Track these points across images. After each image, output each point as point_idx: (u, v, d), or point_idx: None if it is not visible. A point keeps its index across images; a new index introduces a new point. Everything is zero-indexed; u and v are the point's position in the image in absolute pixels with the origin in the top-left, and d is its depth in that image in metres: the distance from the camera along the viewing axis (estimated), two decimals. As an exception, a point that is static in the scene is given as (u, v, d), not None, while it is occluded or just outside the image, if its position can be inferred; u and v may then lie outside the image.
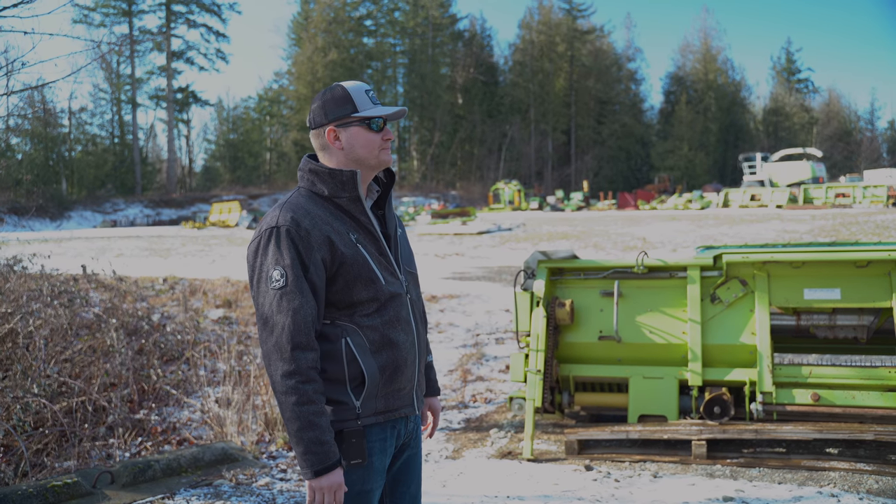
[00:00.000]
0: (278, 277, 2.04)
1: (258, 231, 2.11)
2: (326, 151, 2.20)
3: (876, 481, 4.22)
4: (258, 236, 2.10)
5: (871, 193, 36.17)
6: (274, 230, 2.07)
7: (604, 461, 4.74)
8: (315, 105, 2.21)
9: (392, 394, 2.18)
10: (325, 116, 2.18)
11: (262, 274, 2.07)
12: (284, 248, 2.05)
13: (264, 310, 2.05)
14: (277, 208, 2.12)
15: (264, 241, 2.08)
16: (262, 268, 2.07)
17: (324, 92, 2.22)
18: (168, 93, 68.02)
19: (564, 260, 5.41)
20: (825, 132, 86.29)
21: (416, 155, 78.44)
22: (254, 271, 2.10)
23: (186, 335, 8.32)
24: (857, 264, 4.89)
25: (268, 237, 2.07)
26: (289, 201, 2.14)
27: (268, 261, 2.06)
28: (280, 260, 2.05)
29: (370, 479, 2.14)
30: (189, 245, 25.16)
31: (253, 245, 2.11)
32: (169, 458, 4.55)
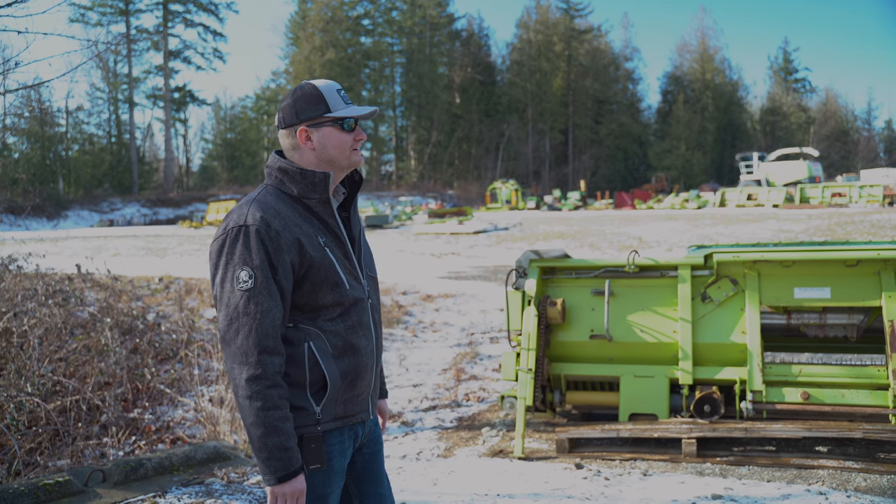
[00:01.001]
0: (246, 279, 1.98)
1: (223, 228, 2.05)
2: (297, 151, 2.16)
3: (864, 479, 4.25)
4: (223, 234, 2.03)
5: (868, 193, 36.25)
6: (242, 229, 2.01)
7: (594, 459, 4.76)
8: (286, 103, 2.17)
9: (351, 399, 2.15)
10: (297, 116, 2.14)
11: (228, 273, 2.00)
12: (254, 248, 1.99)
13: (229, 310, 1.98)
14: (245, 205, 2.07)
15: (231, 239, 2.02)
16: (228, 267, 2.01)
17: (294, 90, 2.18)
18: (165, 92, 67.97)
19: (556, 259, 5.43)
20: (822, 132, 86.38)
21: (414, 154, 78.46)
22: (217, 270, 2.03)
23: (181, 334, 8.33)
24: (846, 263, 4.91)
25: (235, 235, 2.01)
26: (257, 199, 2.08)
27: (234, 260, 2.00)
28: (248, 260, 1.99)
29: (329, 483, 2.12)
30: (186, 244, 25.16)
31: (217, 242, 2.04)
32: (161, 456, 4.57)
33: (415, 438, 5.48)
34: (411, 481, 4.50)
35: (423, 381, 7.24)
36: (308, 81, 2.19)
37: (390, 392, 6.92)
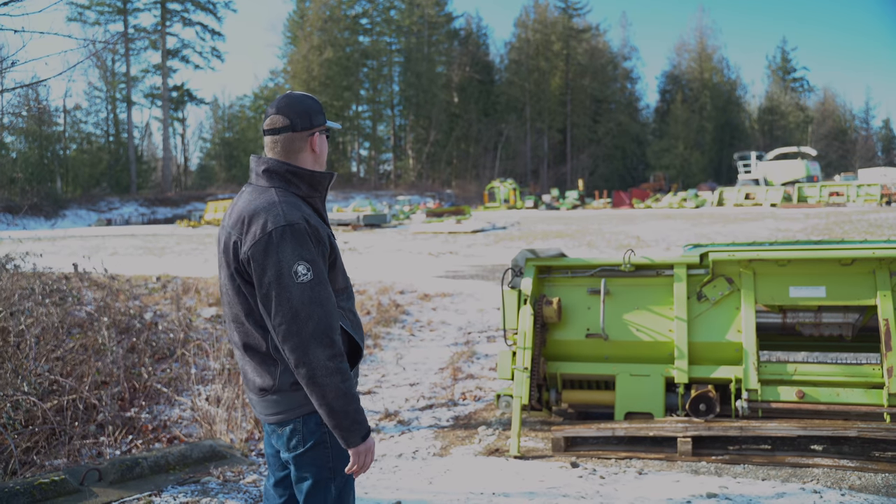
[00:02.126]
0: (305, 271, 2.18)
1: (261, 230, 2.19)
2: (301, 154, 2.38)
3: (859, 477, 4.26)
4: (264, 235, 2.18)
5: (865, 192, 36.31)
6: (288, 227, 2.19)
7: (590, 458, 4.77)
8: (299, 110, 2.36)
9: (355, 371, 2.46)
10: (311, 122, 2.38)
11: (283, 270, 2.17)
12: (304, 243, 2.20)
13: (294, 303, 2.15)
14: (276, 207, 2.23)
15: (277, 238, 2.18)
16: (281, 264, 2.17)
17: (301, 98, 2.40)
18: (163, 91, 67.93)
19: (552, 258, 5.44)
20: (820, 131, 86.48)
21: (412, 153, 78.45)
22: (266, 270, 2.18)
23: (178, 333, 8.33)
24: (841, 262, 4.92)
25: (281, 234, 2.18)
26: (284, 201, 2.26)
27: (287, 257, 2.17)
28: (303, 254, 2.18)
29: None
30: (184, 244, 25.15)
31: (261, 244, 2.18)
32: (157, 455, 4.57)
33: (411, 437, 5.49)
34: (407, 480, 4.51)
35: (419, 380, 7.25)
36: (305, 93, 2.43)
37: (388, 391, 6.93)
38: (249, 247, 2.20)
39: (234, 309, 2.33)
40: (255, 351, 2.32)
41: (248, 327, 2.31)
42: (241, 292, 2.30)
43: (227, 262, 2.30)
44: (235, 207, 2.34)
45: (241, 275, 2.27)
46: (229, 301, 2.35)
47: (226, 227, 2.32)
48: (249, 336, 2.32)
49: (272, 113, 2.37)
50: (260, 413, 2.41)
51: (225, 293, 2.37)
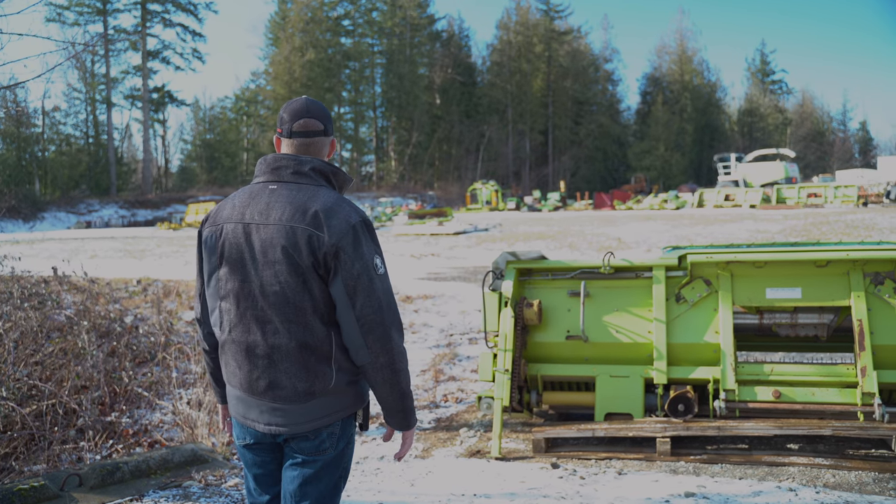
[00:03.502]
0: (380, 264, 2.30)
1: (345, 223, 2.24)
2: (323, 157, 2.47)
3: (833, 475, 4.34)
4: (350, 228, 2.24)
5: (843, 193, 36.76)
6: (364, 223, 2.29)
7: (570, 459, 4.81)
8: (326, 114, 2.47)
9: None
10: (333, 128, 2.51)
11: (368, 262, 2.26)
12: (376, 239, 2.34)
13: (378, 294, 2.25)
14: (345, 203, 2.31)
15: (360, 231, 2.27)
16: (365, 257, 2.25)
17: (323, 105, 2.50)
18: (144, 92, 67.41)
19: (532, 260, 5.48)
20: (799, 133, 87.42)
21: (394, 155, 78.42)
22: (355, 262, 2.23)
23: (159, 337, 8.30)
24: (816, 264, 5.00)
25: (362, 228, 2.27)
26: (343, 198, 2.34)
27: (369, 249, 2.28)
28: (377, 249, 2.32)
29: None
30: (164, 246, 25.01)
31: (349, 236, 2.23)
32: (138, 460, 4.56)
33: (393, 440, 5.51)
34: (389, 482, 4.53)
35: (401, 383, 7.26)
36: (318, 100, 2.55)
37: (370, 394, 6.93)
38: (338, 239, 2.21)
39: (296, 306, 2.24)
40: (314, 350, 2.26)
41: (311, 324, 2.25)
42: (309, 289, 2.23)
43: (295, 259, 2.22)
44: (279, 203, 2.27)
45: (315, 269, 2.23)
46: (285, 300, 2.24)
47: (281, 224, 2.23)
48: (311, 334, 2.25)
49: (305, 116, 2.39)
50: (286, 423, 2.29)
51: (272, 294, 2.25)
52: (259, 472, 2.45)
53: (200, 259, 2.44)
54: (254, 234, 2.27)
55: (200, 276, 2.45)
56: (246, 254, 2.28)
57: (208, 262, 2.38)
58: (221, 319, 2.34)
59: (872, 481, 4.24)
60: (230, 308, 2.31)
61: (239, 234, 2.29)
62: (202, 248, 2.42)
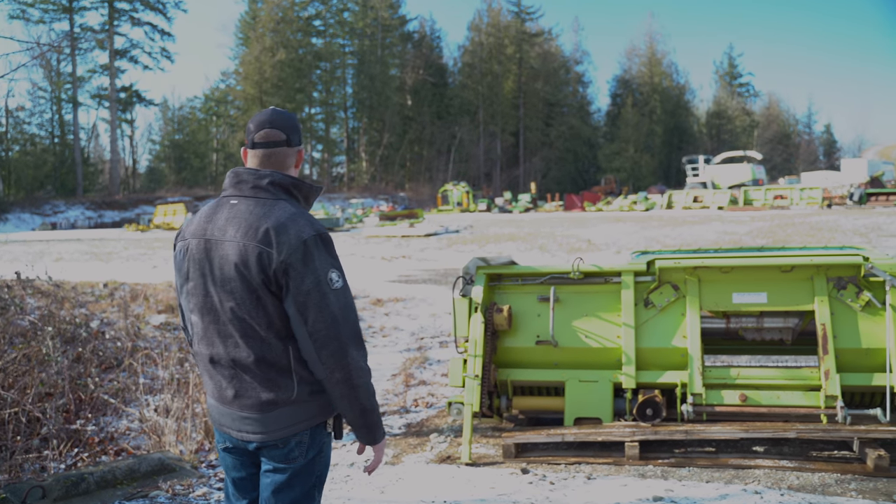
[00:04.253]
0: (337, 279, 2.27)
1: (296, 239, 2.22)
2: (290, 169, 2.45)
3: (797, 477, 4.40)
4: (300, 243, 2.22)
5: (808, 195, 37.40)
6: (319, 237, 2.27)
7: (540, 464, 4.83)
8: (291, 125, 2.44)
9: None
10: (299, 139, 2.49)
11: (321, 277, 2.23)
12: (332, 252, 2.31)
13: (333, 308, 2.22)
14: (300, 217, 2.28)
15: (312, 246, 2.24)
16: (318, 272, 2.23)
17: (291, 115, 2.47)
18: (111, 92, 66.50)
19: (502, 266, 5.50)
20: (765, 135, 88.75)
21: (365, 156, 78.20)
22: (305, 277, 2.21)
23: (126, 342, 8.19)
24: (782, 269, 5.08)
25: (315, 243, 2.25)
26: (300, 212, 2.32)
27: (323, 264, 2.25)
28: (333, 263, 2.29)
29: None
30: (132, 248, 24.69)
31: (299, 252, 2.21)
32: (103, 470, 4.49)
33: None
34: (359, 490, 4.52)
35: (372, 387, 7.24)
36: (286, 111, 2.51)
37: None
38: (287, 255, 2.20)
39: (250, 323, 2.26)
40: (272, 364, 2.28)
41: (267, 340, 2.27)
42: (263, 305, 2.25)
43: (246, 276, 2.24)
44: (235, 220, 2.28)
45: (267, 286, 2.23)
46: (240, 316, 2.27)
47: (235, 241, 2.25)
48: (268, 349, 2.27)
49: (267, 127, 2.39)
50: (255, 431, 2.33)
51: (229, 310, 2.28)
52: (237, 476, 2.50)
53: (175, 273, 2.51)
54: (213, 250, 2.30)
55: (177, 287, 2.50)
56: (206, 269, 2.31)
57: (179, 276, 2.44)
58: (192, 331, 2.42)
59: (835, 482, 4.32)
60: (197, 321, 2.37)
61: (201, 250, 2.33)
62: (174, 262, 2.48)
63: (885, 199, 35.27)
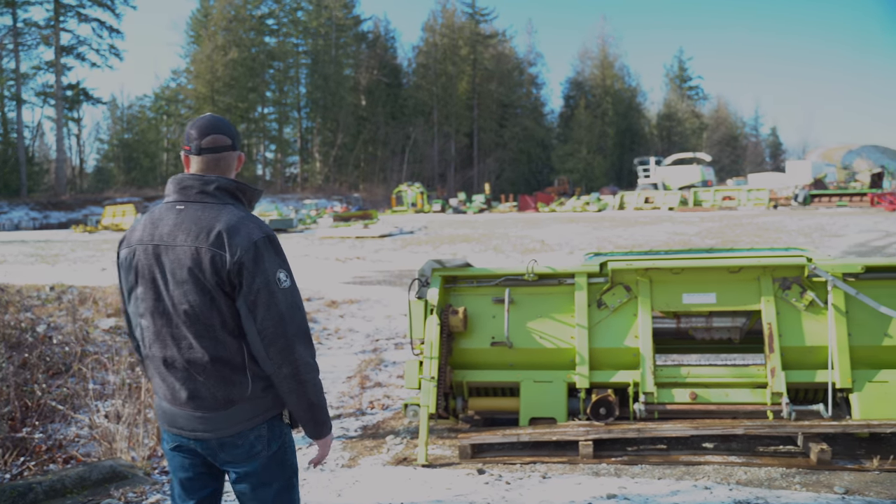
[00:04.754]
0: (285, 278, 2.36)
1: (247, 241, 2.30)
2: (233, 172, 2.54)
3: (745, 472, 4.53)
4: (251, 245, 2.30)
5: (755, 196, 38.30)
6: (268, 238, 2.36)
7: (496, 464, 4.88)
8: (234, 130, 2.54)
9: None
10: (239, 142, 2.59)
11: (270, 277, 2.32)
12: (281, 253, 2.40)
13: (282, 306, 2.31)
14: (248, 220, 2.37)
15: (262, 247, 2.33)
16: (267, 272, 2.32)
17: (228, 121, 2.55)
18: (57, 89, 64.77)
19: (458, 268, 5.53)
20: (714, 137, 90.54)
21: (319, 157, 77.62)
22: (255, 277, 2.30)
23: (74, 347, 8.02)
24: (730, 270, 5.21)
25: (265, 244, 2.34)
26: (248, 215, 2.41)
27: (272, 265, 2.34)
28: (281, 263, 2.38)
29: None
30: (80, 250, 24.12)
31: (250, 253, 2.30)
32: (52, 479, 4.40)
33: (319, 449, 5.47)
34: (315, 493, 4.50)
35: (327, 389, 7.22)
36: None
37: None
38: (239, 257, 2.28)
39: (205, 324, 2.33)
40: (227, 362, 2.35)
41: (222, 339, 2.34)
42: (217, 306, 2.32)
43: (200, 279, 2.30)
44: (184, 225, 2.34)
45: (221, 287, 2.31)
46: (195, 318, 2.33)
47: (186, 245, 2.31)
48: (223, 348, 2.34)
49: (214, 132, 2.45)
50: (211, 429, 2.38)
51: (182, 313, 2.34)
52: (185, 476, 2.53)
53: (119, 279, 2.53)
54: (163, 255, 2.35)
55: (122, 294, 2.52)
56: (157, 274, 2.37)
57: (125, 282, 2.47)
58: (143, 335, 2.45)
59: (780, 476, 4.45)
60: (148, 325, 2.41)
61: (150, 255, 2.37)
62: (118, 269, 2.51)
63: (828, 200, 36.30)
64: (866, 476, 4.40)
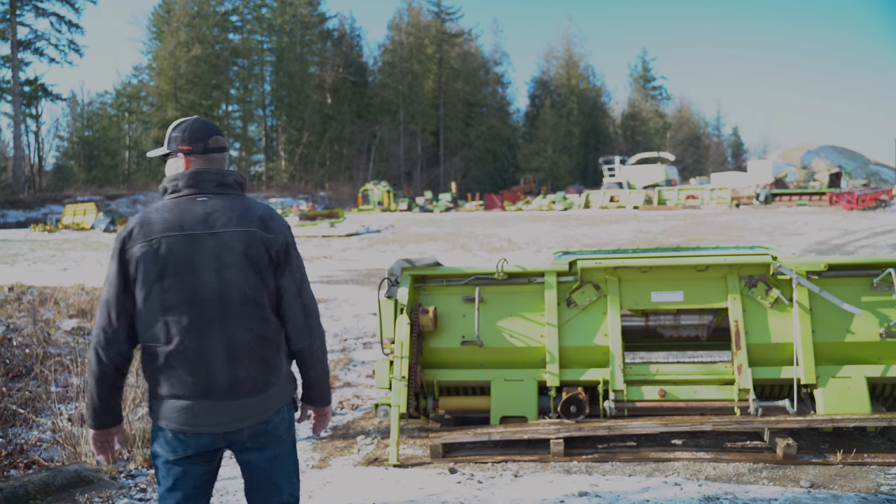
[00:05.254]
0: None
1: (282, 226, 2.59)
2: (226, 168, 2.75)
3: (713, 468, 4.58)
4: (287, 229, 2.60)
5: (718, 195, 38.84)
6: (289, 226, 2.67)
7: (468, 463, 4.88)
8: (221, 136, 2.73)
9: None
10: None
11: (301, 259, 2.65)
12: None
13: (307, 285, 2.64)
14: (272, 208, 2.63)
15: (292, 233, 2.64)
16: (299, 255, 2.64)
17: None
18: (14, 85, 63.33)
19: (428, 267, 5.52)
20: (677, 137, 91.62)
21: (285, 155, 76.97)
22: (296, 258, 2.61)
23: (35, 349, 7.85)
24: (697, 269, 5.27)
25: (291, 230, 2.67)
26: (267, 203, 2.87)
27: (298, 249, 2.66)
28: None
29: None
30: (39, 250, 23.63)
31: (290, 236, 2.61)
32: (14, 484, 4.29)
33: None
34: (286, 495, 4.45)
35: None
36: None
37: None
38: (284, 238, 2.55)
39: (256, 303, 2.47)
40: (270, 341, 2.50)
41: (268, 318, 2.50)
42: (266, 286, 2.50)
43: (253, 259, 2.46)
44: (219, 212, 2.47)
45: (270, 267, 2.51)
46: (246, 299, 2.45)
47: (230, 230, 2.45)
48: (269, 328, 2.50)
49: (216, 134, 2.62)
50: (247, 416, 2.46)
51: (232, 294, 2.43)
52: (191, 488, 2.50)
53: (124, 278, 2.44)
54: (203, 241, 2.42)
55: (123, 295, 2.44)
56: (199, 261, 2.41)
57: (145, 278, 2.40)
58: (168, 331, 2.40)
59: (748, 471, 4.52)
60: (180, 318, 2.40)
61: (184, 245, 2.40)
62: (131, 266, 2.43)
63: (789, 199, 36.97)
64: (830, 469, 4.48)
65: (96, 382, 2.47)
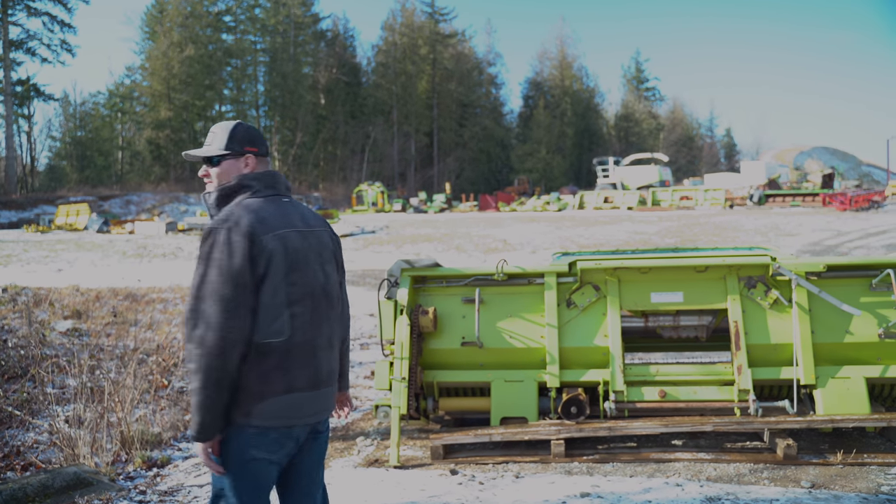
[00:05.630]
0: None
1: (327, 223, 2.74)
2: None
3: (714, 468, 4.59)
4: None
5: (712, 196, 38.95)
6: None
7: (468, 464, 4.87)
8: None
9: None
10: None
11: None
12: None
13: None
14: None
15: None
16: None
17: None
18: (6, 85, 63.01)
19: (427, 268, 5.51)
20: (671, 138, 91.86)
21: (278, 156, 76.82)
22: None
23: (31, 350, 7.80)
24: (696, 269, 5.28)
25: None
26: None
27: None
28: None
29: None
30: (33, 251, 23.51)
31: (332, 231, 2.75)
32: (13, 487, 4.26)
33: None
34: (286, 496, 4.44)
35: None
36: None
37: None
38: (339, 241, 2.74)
39: (339, 297, 2.70)
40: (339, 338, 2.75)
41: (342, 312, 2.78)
42: (342, 282, 2.77)
43: (336, 257, 2.70)
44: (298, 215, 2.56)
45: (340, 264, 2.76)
46: (337, 294, 2.67)
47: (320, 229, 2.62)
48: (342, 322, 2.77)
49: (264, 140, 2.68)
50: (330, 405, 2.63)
51: (332, 289, 2.62)
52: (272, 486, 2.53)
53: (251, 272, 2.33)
54: (309, 238, 2.55)
55: (250, 290, 2.33)
56: (311, 257, 2.53)
57: (275, 272, 2.37)
58: (292, 323, 2.42)
59: (748, 472, 4.52)
60: (304, 310, 2.46)
61: (301, 239, 2.52)
62: (262, 260, 2.35)
63: (782, 200, 37.09)
64: (831, 470, 4.49)
65: (220, 389, 2.29)
